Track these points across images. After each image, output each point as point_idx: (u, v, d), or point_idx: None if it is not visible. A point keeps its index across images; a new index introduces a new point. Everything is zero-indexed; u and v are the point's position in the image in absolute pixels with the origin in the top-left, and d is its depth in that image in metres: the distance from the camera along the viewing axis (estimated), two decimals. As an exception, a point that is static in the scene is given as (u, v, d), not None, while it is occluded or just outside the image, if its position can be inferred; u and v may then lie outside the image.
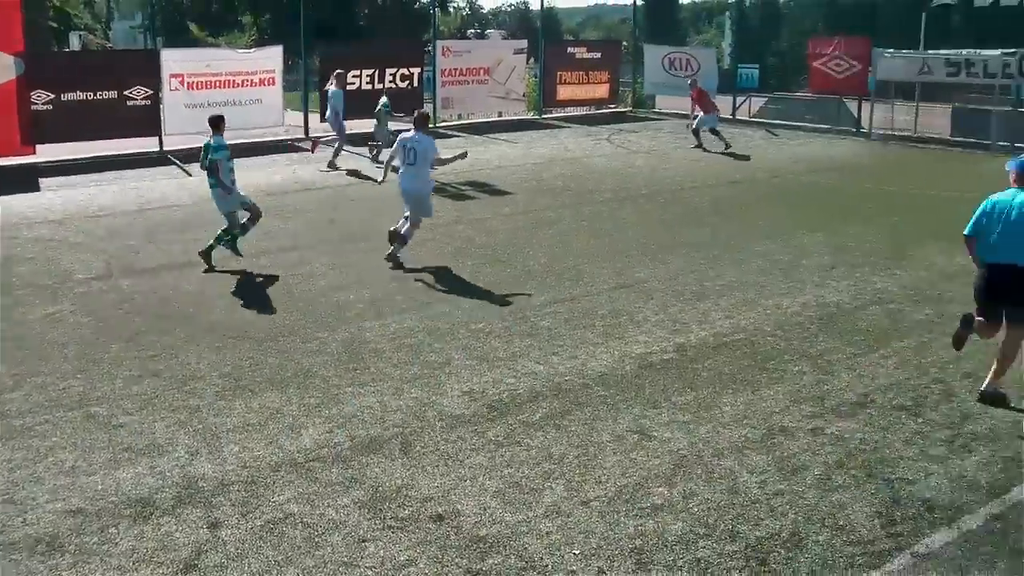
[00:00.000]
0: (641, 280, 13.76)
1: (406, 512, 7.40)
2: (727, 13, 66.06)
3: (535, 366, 10.44)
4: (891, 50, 30.50)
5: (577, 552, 6.89)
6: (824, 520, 7.34)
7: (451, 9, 77.56)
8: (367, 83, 28.86)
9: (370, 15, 62.15)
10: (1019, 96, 29.34)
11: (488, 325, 11.78)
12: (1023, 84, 28.80)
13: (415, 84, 30.40)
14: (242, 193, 14.60)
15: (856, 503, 7.60)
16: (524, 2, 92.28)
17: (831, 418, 9.19)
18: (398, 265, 14.45)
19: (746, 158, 25.84)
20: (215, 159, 13.97)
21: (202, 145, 14.27)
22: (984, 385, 9.62)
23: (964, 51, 29.83)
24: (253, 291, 13.26)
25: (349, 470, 8.08)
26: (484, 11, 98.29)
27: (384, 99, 24.04)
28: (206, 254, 14.35)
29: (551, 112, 34.96)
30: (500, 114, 33.88)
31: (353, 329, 11.62)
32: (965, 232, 9.99)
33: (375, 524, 7.23)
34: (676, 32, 69.91)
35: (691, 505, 7.54)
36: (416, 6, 64.35)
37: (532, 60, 36.43)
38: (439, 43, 32.16)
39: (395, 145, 14.99)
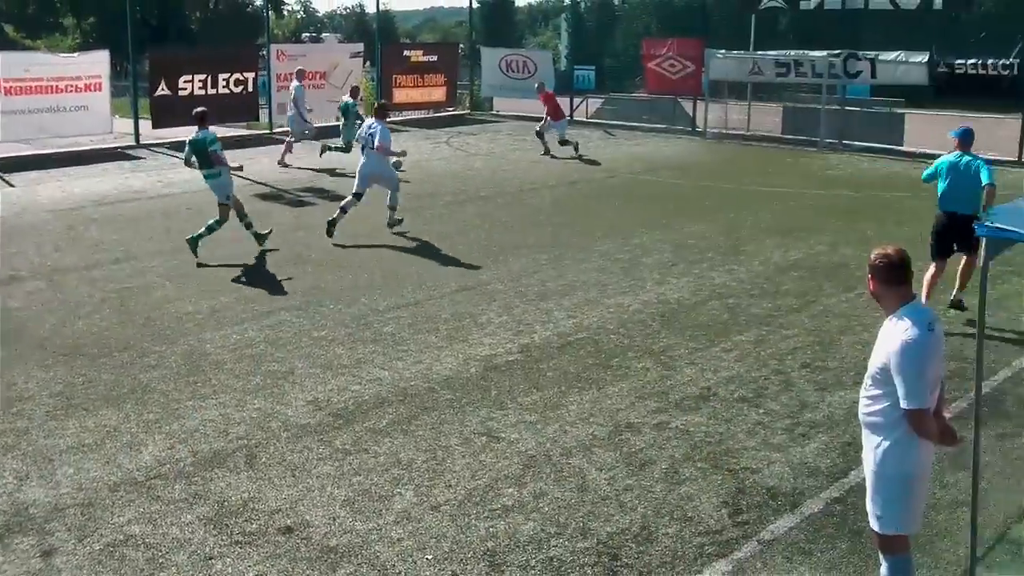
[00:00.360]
0: (484, 282, 13.82)
1: (253, 526, 7.28)
2: (563, 15, 66.86)
3: (380, 372, 10.39)
4: (723, 51, 31.37)
5: (430, 557, 6.88)
6: (673, 512, 7.49)
7: (285, 12, 76.64)
8: (199, 88, 28.24)
9: (202, 19, 60.95)
10: (845, 95, 30.48)
11: (331, 332, 11.67)
12: (848, 84, 29.96)
13: (250, 89, 29.90)
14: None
15: (703, 494, 7.79)
16: (360, 5, 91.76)
17: (676, 412, 9.39)
18: (395, 222, 17.15)
19: (592, 162, 26.15)
20: (215, 150, 14.96)
21: (189, 141, 15.21)
22: (952, 295, 12.30)
23: (792, 52, 30.89)
24: (85, 305, 12.84)
25: (192, 486, 7.90)
26: (319, 14, 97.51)
27: (347, 98, 24.60)
28: (259, 238, 15.61)
29: (389, 116, 34.82)
30: (337, 118, 33.55)
31: (192, 341, 11.37)
32: (923, 177, 12.95)
33: (222, 540, 7.09)
34: (513, 34, 70.42)
35: (541, 505, 7.60)
36: (249, 9, 63.37)
37: (368, 64, 36.24)
38: (273, 47, 31.73)
39: (362, 129, 17.42)
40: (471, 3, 40.97)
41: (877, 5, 29.08)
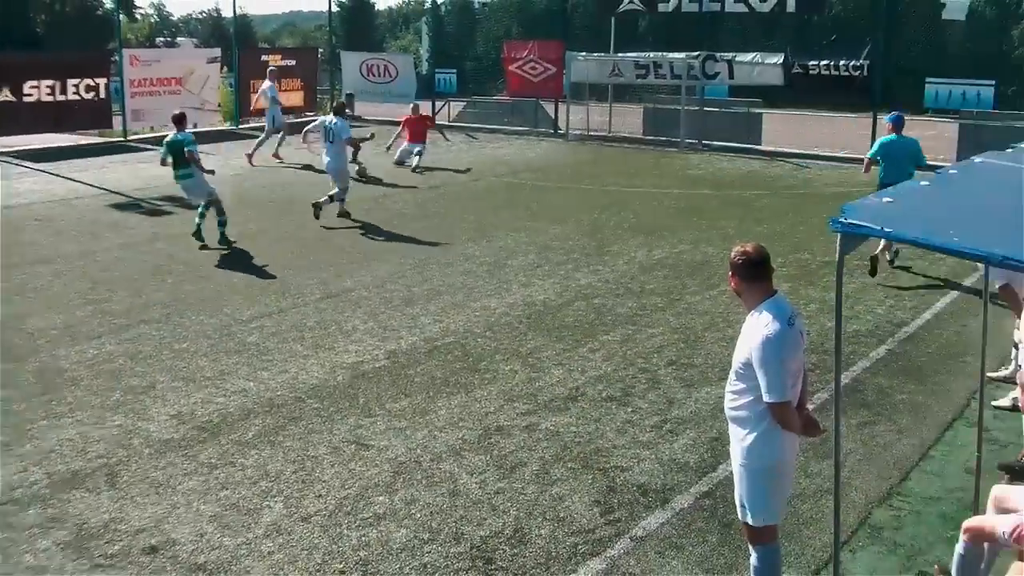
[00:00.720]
0: (348, 289, 13.72)
1: (116, 548, 7.08)
2: (423, 18, 66.87)
3: (245, 383, 10.22)
4: (583, 53, 31.72)
5: (302, 569, 6.79)
6: (545, 513, 7.54)
7: (138, 16, 74.85)
8: (47, 95, 27.39)
9: (48, 22, 59.16)
10: (703, 96, 31.10)
11: (193, 344, 11.44)
12: (707, 85, 30.59)
13: (102, 95, 29.11)
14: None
15: (575, 494, 7.86)
16: (216, 9, 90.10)
17: (545, 414, 9.46)
18: (345, 214, 18.52)
19: (464, 169, 26.15)
20: (192, 150, 15.95)
21: (166, 141, 16.28)
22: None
23: (651, 54, 31.43)
24: (-71, 323, 12.35)
25: (49, 510, 7.65)
26: (174, 18, 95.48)
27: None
28: (225, 239, 16.36)
29: (249, 122, 34.28)
30: (196, 125, 32.79)
31: (45, 358, 11.02)
32: (868, 155, 15.50)
33: (82, 565, 6.88)
34: (374, 38, 70.13)
35: (413, 511, 7.58)
36: (99, 12, 61.71)
37: (226, 69, 35.63)
38: (126, 52, 30.93)
39: (316, 124, 19.58)
40: (330, 7, 40.59)
41: (733, 8, 29.74)
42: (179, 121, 16.45)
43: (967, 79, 29.97)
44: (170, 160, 16.19)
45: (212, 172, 16.58)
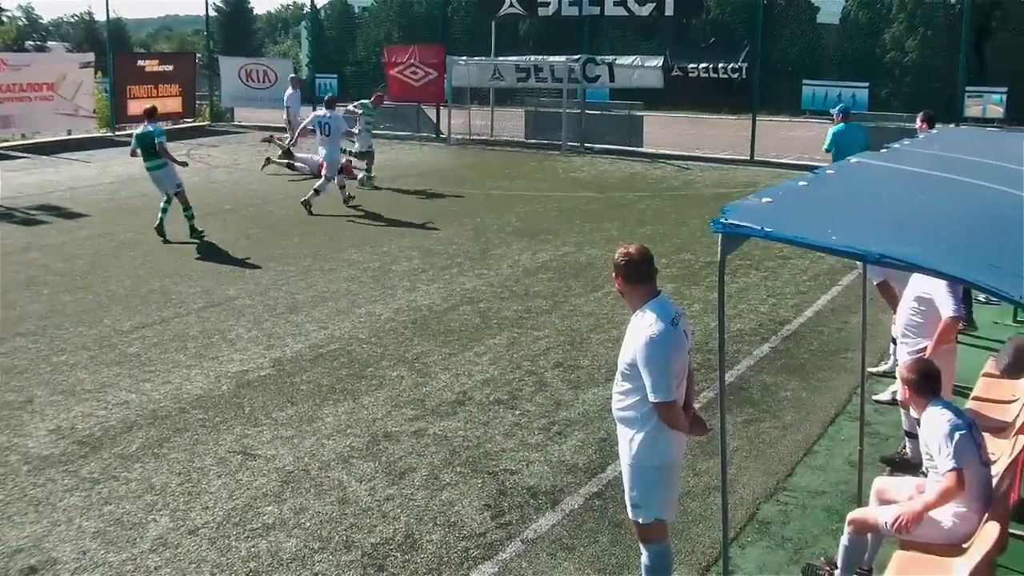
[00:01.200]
0: (231, 297, 13.52)
1: (-9, 567, 6.88)
2: (303, 23, 66.25)
3: (127, 395, 10.01)
4: (464, 57, 31.77)
5: (186, 584, 6.67)
6: (436, 519, 7.53)
7: (4, 19, 72.76)
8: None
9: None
10: (585, 99, 31.39)
11: (72, 356, 11.16)
12: (588, 88, 30.88)
13: (-33, 101, 28.29)
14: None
15: (465, 499, 7.86)
16: (89, 12, 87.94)
17: (433, 419, 9.44)
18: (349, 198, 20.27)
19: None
20: (162, 141, 16.84)
21: (136, 134, 17.21)
22: None
23: (532, 57, 31.62)
24: None
25: (-80, 529, 7.39)
26: (43, 21, 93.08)
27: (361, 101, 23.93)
28: (194, 231, 17.15)
29: (125, 128, 33.54)
30: (69, 132, 32.13)
31: (-87, 373, 10.65)
32: (824, 148, 15.73)
33: (-44, 585, 6.67)
34: (252, 43, 69.32)
35: (303, 520, 7.50)
36: (-38, 15, 59.88)
37: (100, 74, 34.87)
38: (-8, 56, 30.10)
39: (310, 120, 20.81)
40: (207, 11, 40.01)
41: (613, 11, 30.07)
42: (151, 114, 17.56)
43: (842, 81, 30.79)
44: (139, 152, 17.14)
45: (185, 164, 17.98)
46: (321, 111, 20.48)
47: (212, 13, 43.65)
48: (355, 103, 24.01)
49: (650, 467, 5.80)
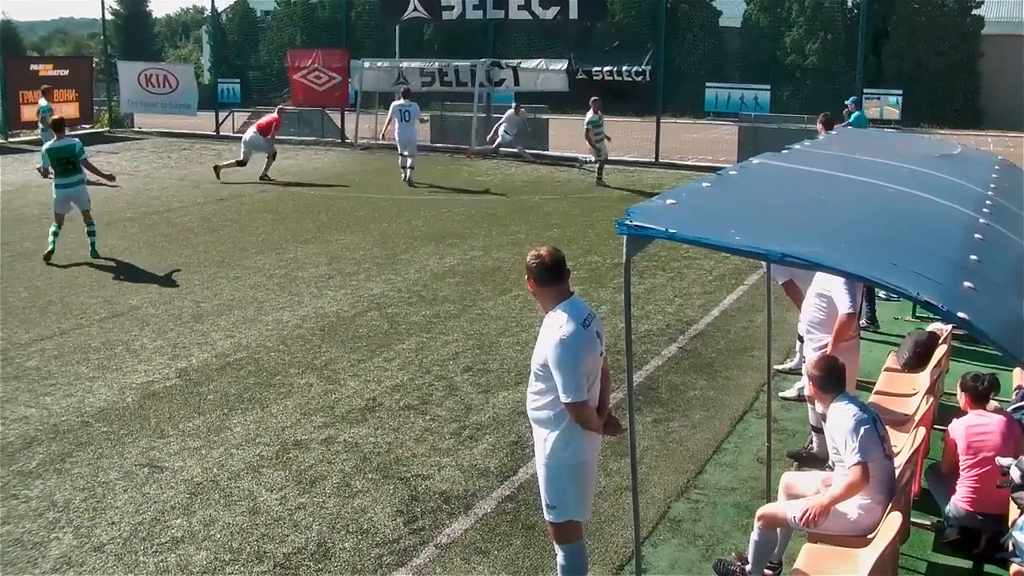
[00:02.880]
0: (135, 307, 13.31)
1: None
2: (204, 27, 65.44)
3: (26, 410, 9.79)
4: (369, 60, 31.65)
5: (93, 600, 6.55)
6: (348, 527, 7.50)
7: None
8: None
9: None
10: (491, 102, 31.45)
11: (-33, 371, 10.90)
12: (493, 91, 30.96)
13: None
14: None
15: (377, 505, 7.84)
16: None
17: (343, 426, 9.40)
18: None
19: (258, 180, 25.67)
20: (86, 157, 16.12)
21: (49, 149, 16.12)
22: None
23: (437, 61, 31.63)
24: None
25: None
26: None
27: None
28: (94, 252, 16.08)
29: (19, 135, 32.84)
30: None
31: None
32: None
33: None
34: (152, 47, 68.25)
35: (213, 532, 7.42)
36: None
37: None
38: None
39: (392, 108, 24.60)
40: (103, 14, 39.31)
41: (517, 15, 30.20)
42: (60, 127, 16.44)
43: (745, 84, 31.29)
44: (52, 169, 16.11)
45: (113, 178, 17.68)
46: (400, 101, 24.37)
47: (108, 16, 42.92)
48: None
49: (563, 467, 5.85)
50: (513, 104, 29.24)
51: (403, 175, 24.20)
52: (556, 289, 5.80)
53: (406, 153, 24.14)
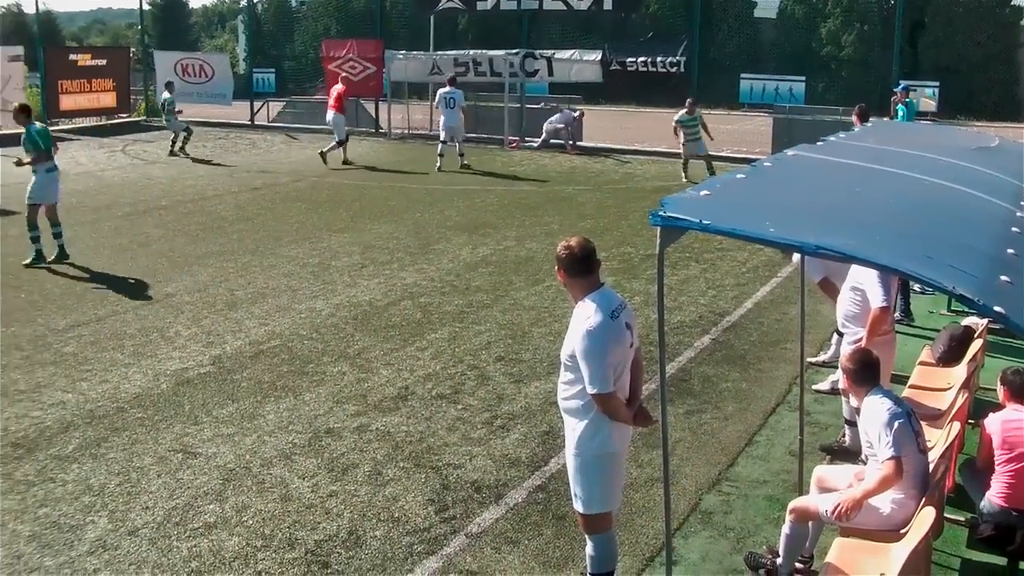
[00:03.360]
0: (169, 295, 13.39)
1: (-75, 572, 6.76)
2: (239, 17, 65.74)
3: (63, 395, 9.88)
4: (403, 52, 31.67)
5: (127, 584, 6.61)
6: (379, 515, 7.52)
7: (-74, 11, 71.21)
8: None
9: None
10: (524, 93, 31.39)
11: (4, 357, 10.98)
12: (527, 82, 30.90)
13: None
14: None
15: (408, 494, 7.85)
16: (17, 4, 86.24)
17: (375, 414, 9.42)
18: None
19: (269, 169, 25.76)
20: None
21: (40, 132, 15.20)
22: None
23: (471, 51, 31.59)
24: None
25: None
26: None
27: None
28: (63, 255, 15.30)
29: (57, 123, 33.04)
30: (-1, 128, 31.67)
31: None
32: (900, 119, 19.04)
33: None
34: (188, 37, 68.62)
35: (245, 518, 7.46)
36: None
37: (29, 69, 34.34)
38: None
39: (439, 96, 25.72)
40: (141, 4, 39.55)
41: (551, 6, 30.15)
42: (30, 112, 15.44)
43: (779, 75, 31.08)
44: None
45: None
46: (446, 88, 25.33)
47: (146, 7, 43.17)
48: None
49: (592, 457, 5.84)
50: (579, 109, 29.85)
51: (437, 163, 24.58)
52: (586, 280, 5.78)
53: (451, 140, 25.06)
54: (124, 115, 35.82)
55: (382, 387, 10.14)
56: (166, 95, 27.77)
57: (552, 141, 28.81)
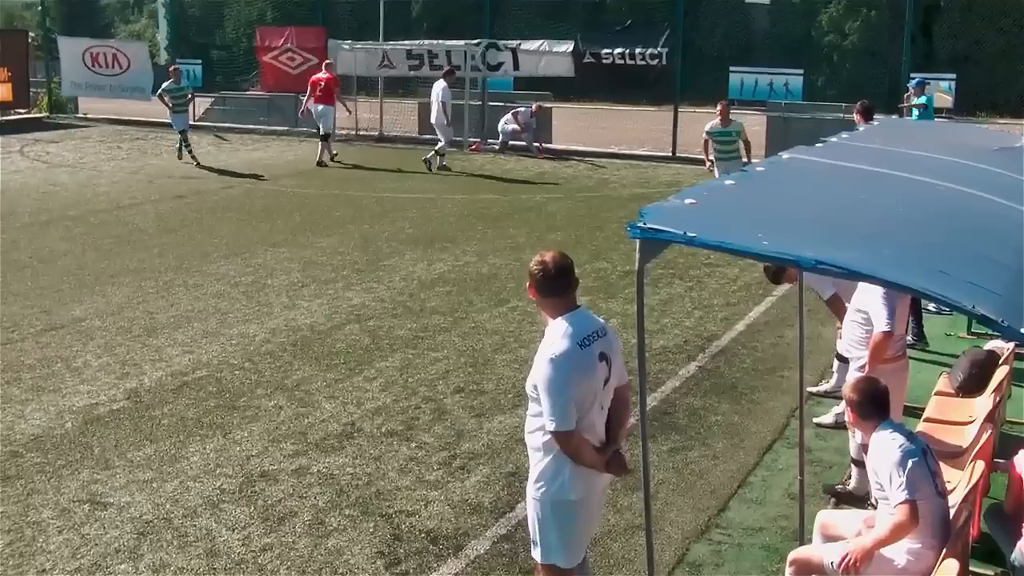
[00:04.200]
0: (77, 319, 13.26)
1: None
2: (159, 0, 65.45)
3: (-49, 436, 9.75)
4: (349, 42, 31.63)
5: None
6: (321, 571, 7.45)
7: None
8: None
9: None
10: (486, 89, 31.34)
11: None
12: (489, 76, 30.87)
13: None
14: None
15: (354, 546, 7.78)
16: None
17: (316, 455, 9.35)
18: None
19: (207, 169, 25.67)
20: None
21: None
22: None
23: (426, 42, 31.62)
24: None
25: None
26: None
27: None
28: None
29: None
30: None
31: None
32: (915, 118, 20.85)
33: None
34: (99, 22, 68.20)
35: (163, 577, 7.37)
36: None
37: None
38: None
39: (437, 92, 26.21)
40: (42, -17, 39.33)
41: (516, -9, 30.22)
42: None
43: (774, 68, 31.28)
44: None
45: None
46: (443, 83, 26.04)
47: (49, -14, 42.88)
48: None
49: (550, 502, 5.76)
50: (533, 105, 29.58)
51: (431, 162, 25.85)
52: (559, 300, 5.73)
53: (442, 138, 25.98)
54: (22, 110, 35.50)
55: (324, 423, 10.07)
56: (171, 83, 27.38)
57: (513, 143, 28.82)
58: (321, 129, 26.28)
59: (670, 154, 27.95)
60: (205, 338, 12.55)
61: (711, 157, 19.71)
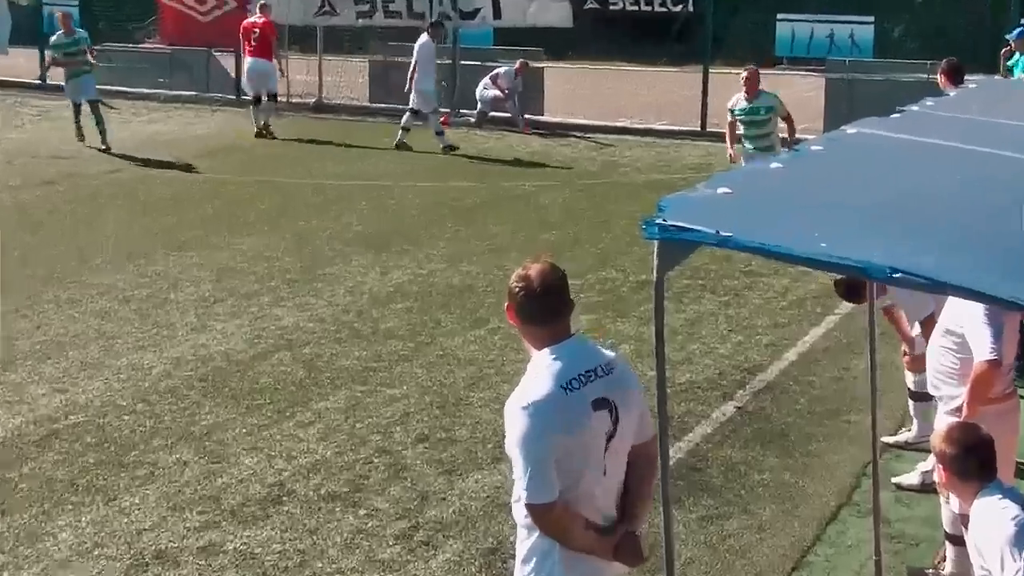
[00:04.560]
0: (-87, 347, 13.22)
1: None
2: (27, -72, 65.47)
3: None
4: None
5: None
6: None
7: None
8: None
9: None
10: (458, 45, 31.24)
11: None
12: (462, 27, 30.78)
13: None
14: None
15: (278, 650, 7.73)
16: None
17: (231, 527, 9.27)
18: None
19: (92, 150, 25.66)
20: None
21: None
22: None
23: (383, -16, 31.64)
24: None
25: None
26: None
27: None
28: None
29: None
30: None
31: None
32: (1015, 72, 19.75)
33: None
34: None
35: None
36: None
37: None
38: None
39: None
40: None
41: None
42: None
43: (834, 15, 31.27)
44: None
45: None
46: (425, 39, 26.93)
47: None
48: None
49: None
50: (517, 63, 29.46)
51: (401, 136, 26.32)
52: (547, 329, 5.53)
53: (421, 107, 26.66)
54: None
55: (243, 484, 10.00)
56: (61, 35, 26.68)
57: (494, 114, 28.80)
58: (251, 92, 26.10)
59: (698, 129, 28.02)
60: (83, 372, 12.48)
61: (736, 145, 18.87)
